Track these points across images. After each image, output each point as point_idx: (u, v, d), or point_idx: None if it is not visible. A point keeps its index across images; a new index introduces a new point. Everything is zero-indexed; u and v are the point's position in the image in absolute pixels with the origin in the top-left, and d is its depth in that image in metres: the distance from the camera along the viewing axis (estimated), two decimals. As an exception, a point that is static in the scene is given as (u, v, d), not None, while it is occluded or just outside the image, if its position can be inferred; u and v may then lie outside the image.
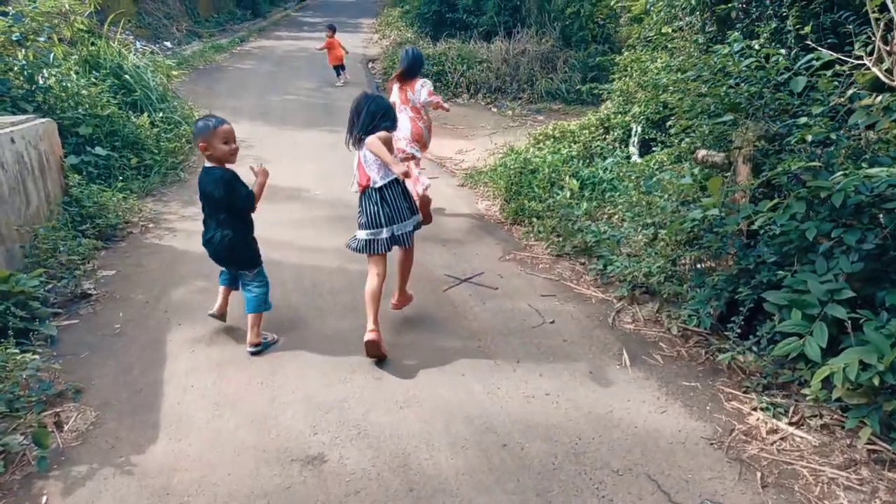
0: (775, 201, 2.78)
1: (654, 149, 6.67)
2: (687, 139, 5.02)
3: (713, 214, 2.91)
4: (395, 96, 5.47)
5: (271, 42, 17.85)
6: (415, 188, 5.27)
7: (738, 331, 3.03)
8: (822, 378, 2.42)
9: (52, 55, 7.59)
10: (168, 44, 15.62)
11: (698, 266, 3.40)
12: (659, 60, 6.55)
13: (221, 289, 3.77)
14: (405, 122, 5.33)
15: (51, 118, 6.11)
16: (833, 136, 2.65)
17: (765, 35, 4.66)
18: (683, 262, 3.48)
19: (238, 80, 12.45)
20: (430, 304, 4.08)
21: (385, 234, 3.55)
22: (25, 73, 6.17)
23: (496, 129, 9.83)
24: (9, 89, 5.87)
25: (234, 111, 9.63)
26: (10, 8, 6.46)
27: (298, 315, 3.97)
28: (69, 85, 6.84)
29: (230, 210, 3.49)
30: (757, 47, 3.67)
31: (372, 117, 3.43)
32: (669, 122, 6.63)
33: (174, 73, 9.50)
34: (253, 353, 3.48)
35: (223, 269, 3.74)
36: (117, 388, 3.18)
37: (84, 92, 6.87)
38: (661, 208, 3.47)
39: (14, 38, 6.26)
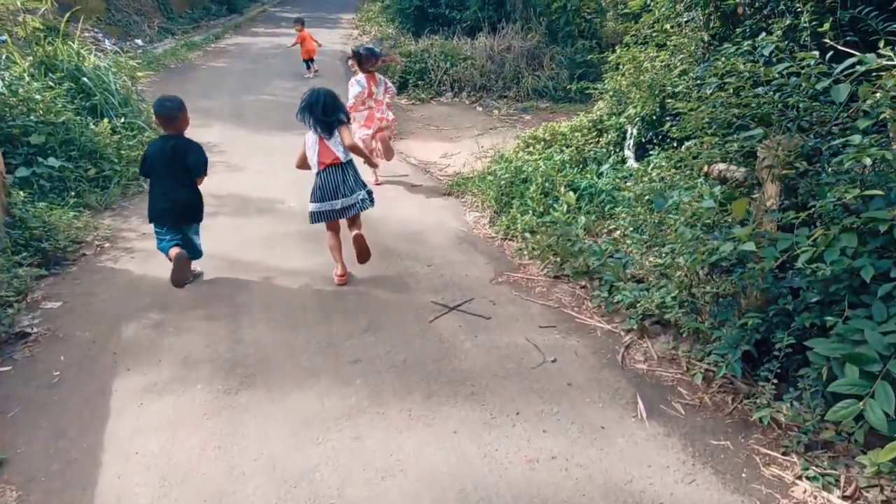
0: (818, 232, 2.37)
1: (650, 152, 6.28)
2: (697, 150, 4.62)
3: (747, 249, 2.49)
4: (361, 85, 6.14)
5: (248, 39, 17.22)
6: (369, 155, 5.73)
7: (774, 380, 2.62)
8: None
9: (3, 57, 7.03)
10: (139, 41, 14.98)
11: (720, 299, 2.99)
12: (657, 59, 6.14)
13: (173, 252, 4.08)
14: (366, 114, 6.21)
15: (-2, 126, 5.60)
16: (889, 155, 2.25)
17: (777, 33, 4.26)
18: (703, 290, 3.06)
19: (211, 79, 11.86)
20: (415, 338, 3.63)
21: (339, 205, 4.26)
22: (-32, 77, 5.62)
23: (482, 129, 9.38)
24: (-54, 97, 5.33)
25: (206, 113, 9.08)
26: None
27: (265, 354, 3.50)
28: (20, 90, 6.28)
29: (192, 174, 4.14)
30: (776, 48, 3.25)
31: (335, 110, 4.21)
32: (669, 125, 6.27)
33: (139, 73, 8.92)
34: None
35: (169, 235, 4.16)
36: (47, 457, 2.70)
37: (38, 97, 6.32)
38: (679, 233, 3.05)
39: (-46, 40, 5.70)
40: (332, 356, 3.47)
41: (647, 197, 4.71)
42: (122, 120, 7.22)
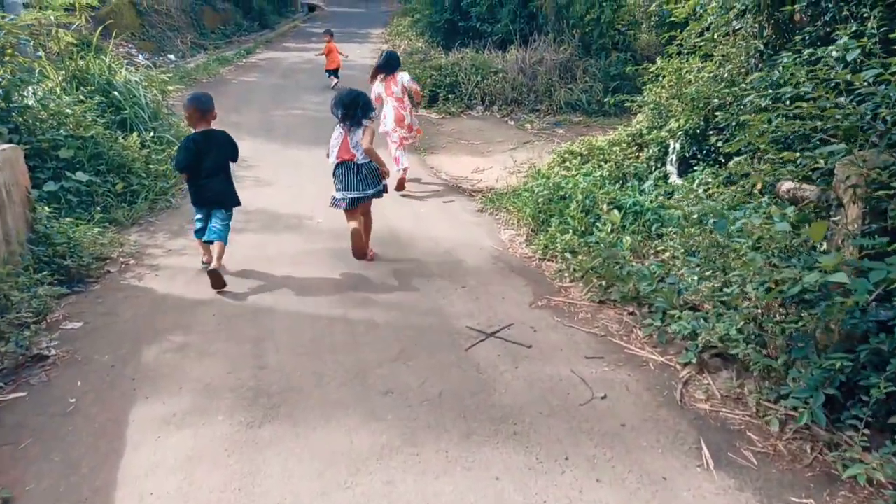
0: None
1: (694, 168, 5.96)
2: (748, 166, 4.31)
3: (837, 280, 2.19)
4: (379, 89, 6.60)
5: (278, 54, 17.31)
6: (396, 167, 6.47)
7: (866, 431, 2.30)
8: None
9: (36, 71, 7.03)
10: (172, 56, 15.13)
11: (794, 333, 2.67)
12: (704, 70, 5.84)
13: (202, 243, 4.65)
14: (390, 111, 6.63)
15: (28, 140, 5.54)
16: None
17: (842, 40, 3.95)
18: (776, 324, 2.74)
19: (242, 93, 11.87)
20: (451, 367, 3.37)
21: (352, 195, 4.66)
22: (0, 91, 5.58)
23: (515, 144, 9.14)
24: (-21, 110, 5.29)
25: (236, 126, 8.98)
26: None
27: (291, 383, 3.27)
28: (51, 104, 6.25)
29: (229, 161, 4.62)
30: (861, 53, 2.94)
31: (365, 108, 4.63)
32: (715, 139, 5.95)
33: (170, 88, 8.90)
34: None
35: (199, 225, 4.60)
36: (57, 496, 2.50)
37: (68, 111, 6.27)
38: (748, 260, 2.74)
39: (-12, 54, 5.67)
40: (361, 387, 3.23)
41: (696, 216, 4.41)
42: (152, 134, 7.16)
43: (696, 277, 3.49)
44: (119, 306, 4.17)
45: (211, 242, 4.51)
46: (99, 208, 5.60)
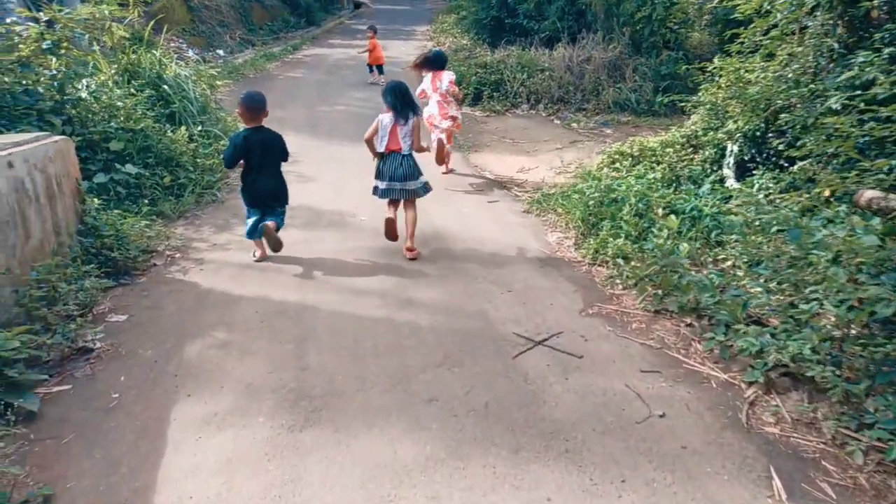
0: None
1: (753, 172, 5.68)
2: (812, 170, 4.05)
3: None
4: (426, 84, 6.87)
5: (324, 50, 17.41)
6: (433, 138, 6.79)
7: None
8: None
9: (90, 65, 7.15)
10: (221, 52, 15.35)
11: (880, 357, 2.45)
12: (769, 69, 5.55)
13: (258, 243, 4.75)
14: (434, 106, 6.84)
15: (81, 132, 5.62)
16: None
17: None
18: (859, 346, 2.52)
19: (287, 89, 11.94)
20: (497, 376, 3.24)
21: (398, 186, 4.74)
22: (56, 83, 5.67)
23: (561, 143, 8.92)
24: (36, 101, 5.37)
25: (281, 122, 9.02)
26: (42, 14, 5.99)
27: (332, 386, 3.18)
28: (103, 96, 6.34)
29: (280, 160, 4.73)
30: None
31: (414, 103, 4.85)
32: (777, 142, 5.64)
33: (218, 83, 8.99)
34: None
35: (254, 222, 4.66)
36: (97, 494, 2.46)
37: (119, 104, 6.36)
38: (830, 275, 2.52)
39: (45, 47, 5.77)
40: (404, 393, 3.12)
41: (759, 223, 4.16)
42: (200, 128, 7.21)
43: (763, 290, 3.26)
44: (164, 300, 4.17)
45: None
46: (146, 201, 5.65)
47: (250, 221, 4.70)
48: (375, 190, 4.87)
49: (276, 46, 17.29)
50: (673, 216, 4.25)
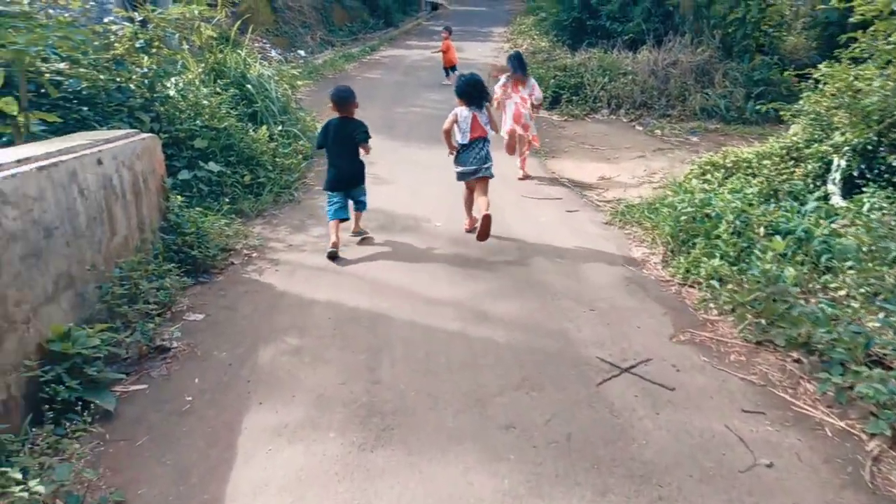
0: None
1: (862, 189, 5.16)
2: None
3: None
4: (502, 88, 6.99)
5: (401, 51, 17.51)
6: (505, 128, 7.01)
7: None
8: None
9: (179, 63, 7.36)
10: (302, 52, 15.68)
11: None
12: (890, 77, 5.03)
13: (334, 224, 4.94)
14: (511, 107, 6.97)
15: (168, 129, 5.75)
16: None
17: None
18: None
19: (365, 90, 11.93)
20: (580, 405, 3.00)
21: (475, 166, 5.06)
22: (146, 81, 5.83)
23: (644, 151, 8.53)
24: (127, 98, 5.53)
25: (357, 123, 9.08)
26: (136, 14, 6.18)
27: (405, 403, 3.04)
28: (190, 94, 6.49)
29: (358, 145, 5.06)
30: None
31: (486, 91, 5.16)
32: (891, 157, 5.12)
33: (299, 83, 9.11)
34: (355, 236, 5.18)
35: (339, 200, 5.02)
36: (166, 504, 2.41)
37: (205, 102, 6.49)
38: None
39: (138, 46, 5.95)
40: (480, 416, 2.94)
41: (874, 248, 3.75)
42: (280, 128, 7.29)
43: (887, 326, 2.88)
44: (239, 300, 4.16)
45: (346, 219, 5.08)
46: (227, 199, 5.72)
47: (332, 207, 5.01)
48: (461, 176, 5.18)
49: (354, 47, 17.53)
50: (778, 237, 3.87)
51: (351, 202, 5.13)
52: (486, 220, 4.81)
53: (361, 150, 5.08)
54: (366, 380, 3.24)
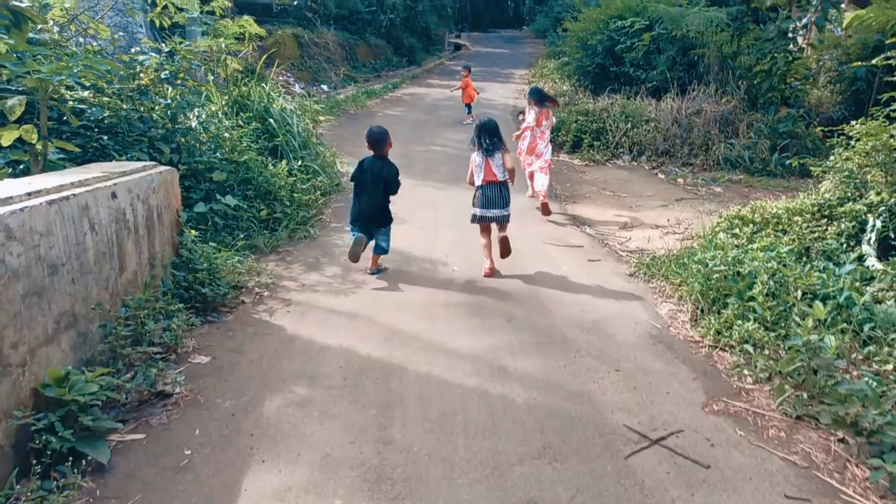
0: None
1: (901, 250, 4.95)
2: None
3: None
4: (530, 120, 7.51)
5: (423, 89, 17.68)
6: (532, 185, 7.83)
7: None
8: None
9: (204, 95, 7.38)
10: (325, 87, 15.87)
11: None
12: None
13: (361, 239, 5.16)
14: (528, 138, 7.57)
15: (187, 161, 5.69)
16: None
17: None
18: None
19: (385, 126, 12.01)
20: (607, 480, 2.77)
21: (491, 213, 5.28)
22: (169, 112, 5.81)
23: (666, 199, 8.36)
24: (148, 128, 5.49)
25: (377, 160, 9.03)
26: (164, 45, 6.21)
27: (417, 468, 2.83)
28: (212, 127, 6.46)
29: (389, 187, 5.30)
30: None
31: (500, 137, 5.36)
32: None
33: (321, 118, 9.11)
34: (372, 274, 5.22)
35: (357, 235, 5.15)
36: (154, 578, 2.20)
37: (226, 135, 6.46)
38: None
39: (163, 77, 5.94)
40: (498, 488, 2.72)
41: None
42: (300, 163, 7.24)
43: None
44: (247, 343, 3.99)
45: (368, 240, 5.25)
46: (242, 234, 5.62)
47: (353, 235, 5.21)
48: (474, 218, 5.39)
49: (377, 84, 17.73)
50: (819, 303, 3.65)
51: (371, 242, 5.26)
52: (504, 240, 5.26)
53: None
54: (376, 439, 3.04)
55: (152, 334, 3.47)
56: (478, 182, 5.30)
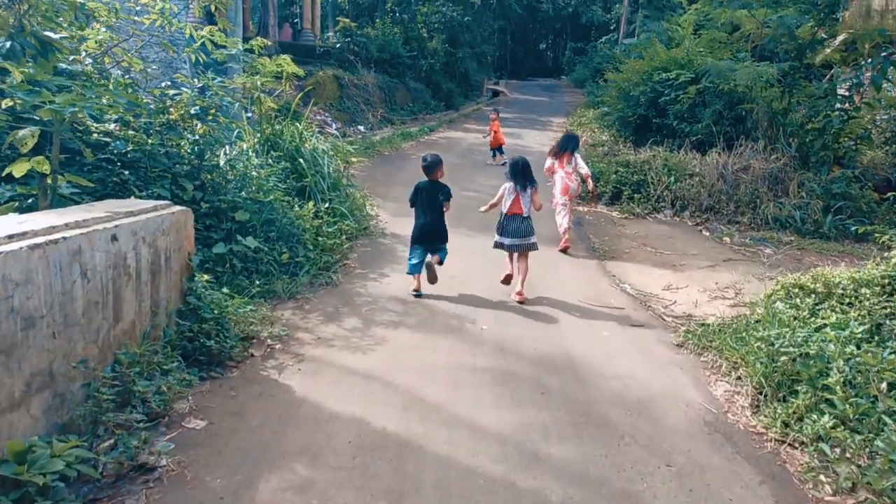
0: None
1: None
2: None
3: None
4: (552, 162, 7.97)
5: (459, 133, 17.56)
6: (559, 227, 7.85)
7: None
8: None
9: (236, 132, 7.21)
10: (361, 127, 15.84)
11: None
12: None
13: (417, 277, 5.68)
14: (559, 181, 7.86)
15: (210, 199, 5.44)
16: None
17: None
18: None
19: (418, 169, 11.74)
20: None
21: (509, 241, 5.79)
22: (196, 148, 5.59)
23: (712, 259, 7.81)
24: (173, 164, 5.26)
25: (410, 213, 8.74)
26: (196, 81, 6.06)
27: (432, 586, 2.34)
28: (239, 165, 6.24)
29: (444, 195, 5.76)
30: None
31: (531, 176, 5.89)
32: None
33: (353, 159, 8.89)
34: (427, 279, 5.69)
35: (417, 257, 5.67)
36: None
37: (253, 173, 6.22)
38: None
39: (193, 112, 5.76)
40: None
41: None
42: (328, 205, 6.96)
43: None
44: (250, 406, 3.59)
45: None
46: (260, 278, 5.29)
47: (413, 260, 5.66)
48: (498, 245, 5.88)
49: (413, 126, 17.69)
50: (913, 402, 3.10)
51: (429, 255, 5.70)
52: (523, 268, 5.72)
53: (444, 208, 5.76)
54: (384, 541, 2.58)
55: (144, 395, 3.10)
56: (504, 209, 5.83)
